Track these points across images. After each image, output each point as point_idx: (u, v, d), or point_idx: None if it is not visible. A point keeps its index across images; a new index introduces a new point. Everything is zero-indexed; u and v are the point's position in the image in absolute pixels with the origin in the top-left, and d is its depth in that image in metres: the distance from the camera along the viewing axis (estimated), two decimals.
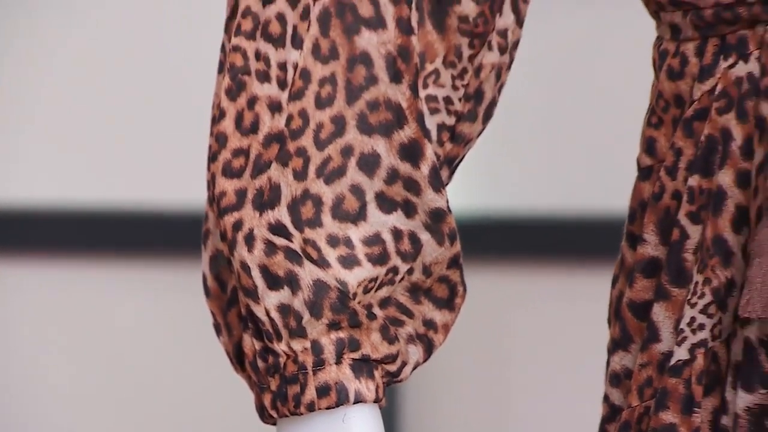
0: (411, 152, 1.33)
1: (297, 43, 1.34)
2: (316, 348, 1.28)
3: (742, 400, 1.26)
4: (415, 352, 1.33)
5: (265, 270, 1.29)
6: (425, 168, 1.32)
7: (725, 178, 1.29)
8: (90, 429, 3.41)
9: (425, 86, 1.38)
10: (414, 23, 1.35)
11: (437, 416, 3.22)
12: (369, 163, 1.33)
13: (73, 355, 3.37)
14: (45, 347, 3.37)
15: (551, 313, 2.65)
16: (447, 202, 1.34)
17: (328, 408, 1.27)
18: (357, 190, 1.32)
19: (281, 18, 1.35)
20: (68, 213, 3.31)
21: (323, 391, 1.27)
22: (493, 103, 1.41)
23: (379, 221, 1.32)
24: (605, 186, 2.37)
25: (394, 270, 1.32)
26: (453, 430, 3.22)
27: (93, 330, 3.34)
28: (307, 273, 1.28)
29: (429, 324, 1.34)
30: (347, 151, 1.32)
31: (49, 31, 3.35)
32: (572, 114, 2.89)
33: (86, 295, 3.32)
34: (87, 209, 3.30)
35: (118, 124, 3.28)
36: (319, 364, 1.28)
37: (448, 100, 1.38)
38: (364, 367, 1.30)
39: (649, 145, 1.37)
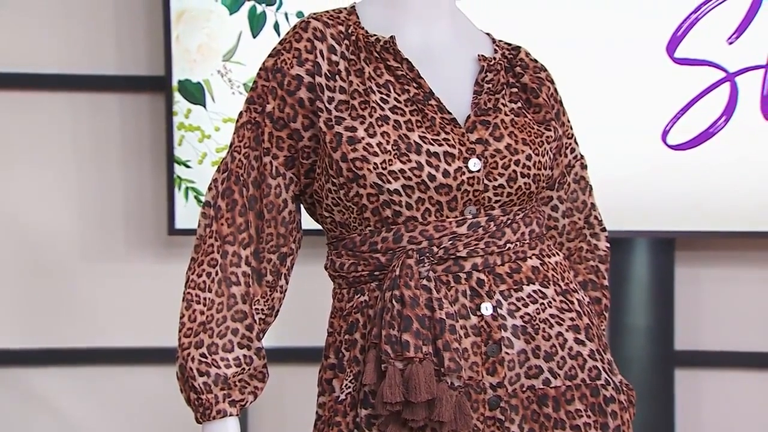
0: (249, 328, 1.62)
1: (208, 290, 1.60)
2: (216, 397, 1.59)
3: (363, 412, 1.54)
4: (250, 397, 1.61)
5: (198, 370, 1.59)
6: (254, 333, 1.62)
7: (356, 335, 1.58)
8: None
9: (257, 311, 1.63)
10: (251, 283, 1.62)
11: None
12: (235, 334, 1.61)
13: None
14: None
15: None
16: (262, 346, 1.62)
17: (221, 418, 1.58)
18: (231, 343, 1.60)
19: (205, 283, 1.61)
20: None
21: (218, 411, 1.58)
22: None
23: (239, 352, 1.61)
24: None
25: (243, 369, 1.61)
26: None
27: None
28: (213, 371, 1.59)
29: (255, 387, 1.62)
30: (226, 330, 1.60)
31: None
32: None
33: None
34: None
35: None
36: (216, 402, 1.59)
37: (264, 311, 1.63)
38: (233, 402, 1.59)
39: (330, 325, 1.63)
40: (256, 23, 2.93)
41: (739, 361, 3.12)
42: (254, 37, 2.93)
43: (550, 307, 1.61)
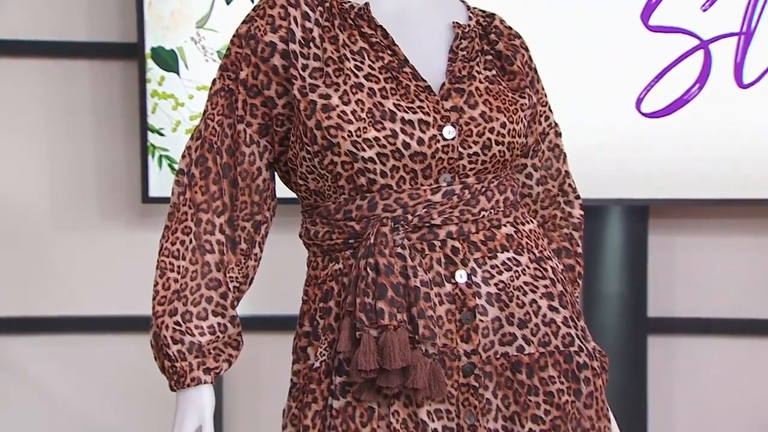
0: (223, 296, 1.62)
1: (182, 258, 1.61)
2: (190, 364, 1.59)
3: (338, 379, 1.55)
4: (224, 365, 1.62)
5: (172, 338, 1.60)
6: (228, 301, 1.62)
7: (331, 303, 1.58)
8: None
9: (231, 279, 1.63)
10: (225, 251, 1.62)
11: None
12: (209, 302, 1.61)
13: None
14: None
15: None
16: (236, 314, 1.63)
17: (195, 386, 1.59)
18: (205, 311, 1.61)
19: (179, 251, 1.62)
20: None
21: (192, 379, 1.59)
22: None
23: (214, 320, 1.61)
24: None
25: (218, 336, 1.62)
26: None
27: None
28: (187, 339, 1.60)
29: (230, 355, 1.63)
30: (200, 298, 1.61)
31: None
32: None
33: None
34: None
35: None
36: (191, 370, 1.59)
37: (238, 279, 1.64)
38: (207, 370, 1.60)
39: (305, 293, 1.64)
40: None
41: (711, 327, 3.15)
42: (228, 3, 2.92)
43: (524, 274, 1.61)
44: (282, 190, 1.72)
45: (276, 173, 1.69)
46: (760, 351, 3.15)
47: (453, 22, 1.66)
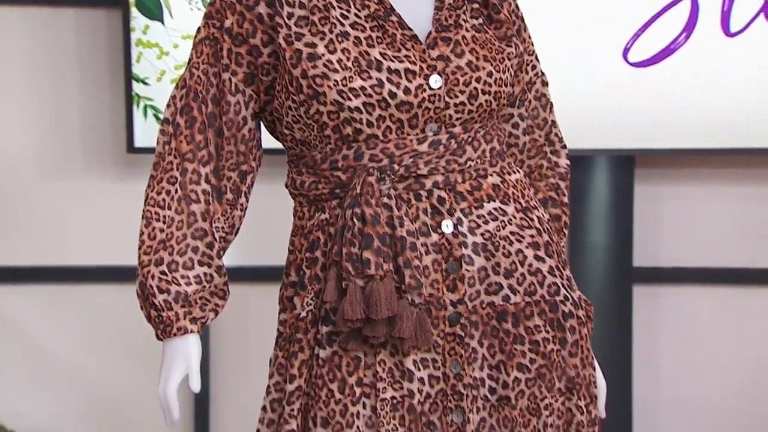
0: (210, 246, 1.63)
1: (168, 207, 1.61)
2: (176, 314, 1.60)
3: (324, 329, 1.57)
4: (210, 314, 1.63)
5: (158, 287, 1.61)
6: (214, 251, 1.63)
7: (317, 253, 1.59)
8: None
9: (217, 229, 1.64)
10: (211, 201, 1.63)
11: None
12: (195, 251, 1.62)
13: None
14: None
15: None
16: (223, 264, 1.64)
17: (182, 335, 1.61)
18: (191, 261, 1.62)
19: (164, 201, 1.62)
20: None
21: (178, 329, 1.60)
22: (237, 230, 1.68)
23: (200, 270, 1.62)
24: None
25: (204, 286, 1.63)
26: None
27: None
28: (173, 288, 1.61)
29: (216, 304, 1.64)
30: (186, 247, 1.62)
31: None
32: None
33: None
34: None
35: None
36: (177, 319, 1.60)
37: (224, 229, 1.64)
38: (194, 319, 1.61)
39: (291, 243, 1.65)
40: None
41: (696, 276, 3.17)
42: None
43: (511, 224, 1.62)
44: (268, 141, 1.72)
45: (262, 123, 1.68)
46: (745, 300, 3.17)
47: None
